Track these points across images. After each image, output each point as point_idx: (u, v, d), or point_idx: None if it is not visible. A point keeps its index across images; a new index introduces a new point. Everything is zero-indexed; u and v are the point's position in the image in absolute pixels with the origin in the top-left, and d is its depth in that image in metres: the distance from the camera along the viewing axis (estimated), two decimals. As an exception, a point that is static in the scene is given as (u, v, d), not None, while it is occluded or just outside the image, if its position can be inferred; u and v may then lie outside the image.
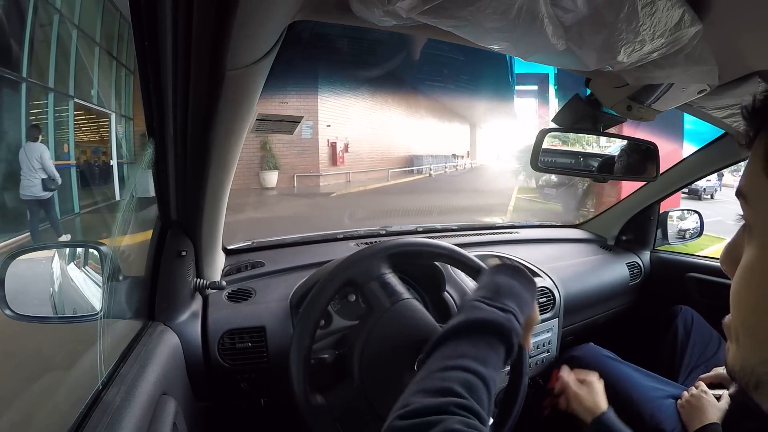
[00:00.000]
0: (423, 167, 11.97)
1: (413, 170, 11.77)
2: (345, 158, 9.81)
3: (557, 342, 1.07)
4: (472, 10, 0.39)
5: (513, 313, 0.52)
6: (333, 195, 8.63)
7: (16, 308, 0.61)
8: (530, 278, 0.59)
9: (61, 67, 5.37)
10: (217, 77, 0.43)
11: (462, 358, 0.45)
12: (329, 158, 9.52)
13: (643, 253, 1.39)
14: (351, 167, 9.95)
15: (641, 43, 0.42)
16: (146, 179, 0.65)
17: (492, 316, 0.51)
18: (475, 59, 10.20)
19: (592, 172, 0.79)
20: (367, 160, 10.64)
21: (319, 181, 9.10)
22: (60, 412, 0.58)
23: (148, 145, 0.56)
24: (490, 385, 0.44)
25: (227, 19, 0.37)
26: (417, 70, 10.06)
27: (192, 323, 0.79)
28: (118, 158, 6.76)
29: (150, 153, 0.56)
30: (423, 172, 11.86)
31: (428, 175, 11.66)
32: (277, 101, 7.74)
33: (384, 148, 11.21)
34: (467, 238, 1.27)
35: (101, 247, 0.68)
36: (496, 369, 0.47)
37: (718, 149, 1.09)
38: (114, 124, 6.94)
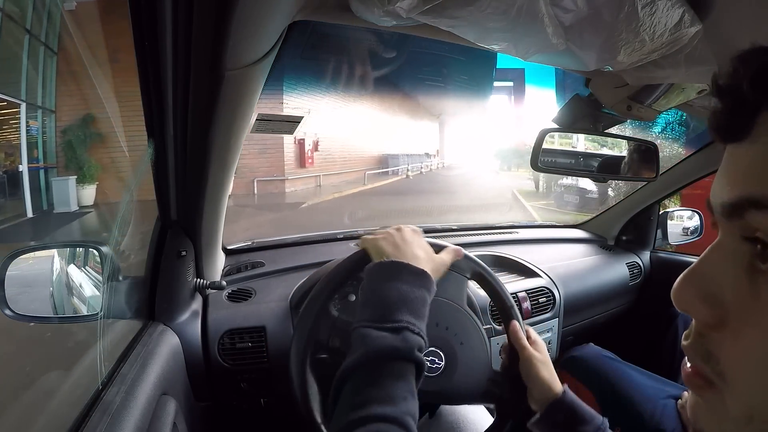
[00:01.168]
0: (400, 167, 11.09)
1: (389, 171, 10.82)
2: (315, 158, 8.42)
3: (557, 342, 1.07)
4: (472, 10, 0.39)
5: (407, 327, 0.46)
6: (303, 206, 6.86)
7: (16, 308, 0.61)
8: (415, 269, 0.51)
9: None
10: (217, 77, 0.43)
11: (366, 405, 0.41)
12: (296, 159, 8.00)
13: (643, 253, 1.39)
14: (322, 168, 8.59)
15: (641, 43, 0.42)
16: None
17: (384, 342, 0.45)
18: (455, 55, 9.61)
19: (593, 172, 0.79)
20: (339, 161, 9.33)
21: (285, 187, 7.54)
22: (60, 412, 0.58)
23: (148, 145, 0.55)
24: (406, 422, 0.40)
25: (227, 19, 0.37)
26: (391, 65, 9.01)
27: (192, 323, 0.79)
28: (31, 162, 5.47)
29: (150, 153, 0.56)
30: (400, 173, 10.97)
31: (406, 176, 10.77)
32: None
33: (357, 147, 9.98)
34: (467, 238, 1.27)
35: (101, 247, 0.68)
36: (408, 397, 0.43)
37: (718, 149, 1.08)
38: (24, 117, 5.43)
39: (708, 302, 0.21)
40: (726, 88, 0.22)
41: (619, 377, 0.96)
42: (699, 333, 0.22)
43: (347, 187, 8.71)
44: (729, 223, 0.22)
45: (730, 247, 0.22)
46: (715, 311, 0.21)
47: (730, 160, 0.22)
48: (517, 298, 0.99)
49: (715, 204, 0.23)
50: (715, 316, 0.21)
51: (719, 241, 0.23)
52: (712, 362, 0.21)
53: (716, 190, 0.23)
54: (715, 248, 0.23)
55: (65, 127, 6.19)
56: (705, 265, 0.23)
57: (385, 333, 0.46)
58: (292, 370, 0.65)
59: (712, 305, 0.21)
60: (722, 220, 0.22)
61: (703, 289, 0.22)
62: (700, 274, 0.23)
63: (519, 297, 1.00)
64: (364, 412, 0.40)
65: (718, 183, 0.23)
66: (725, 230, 0.22)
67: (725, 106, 0.22)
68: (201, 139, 0.53)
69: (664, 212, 1.42)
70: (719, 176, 0.23)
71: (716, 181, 0.23)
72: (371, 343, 0.46)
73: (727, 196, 0.21)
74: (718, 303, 0.21)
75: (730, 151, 0.22)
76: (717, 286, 0.21)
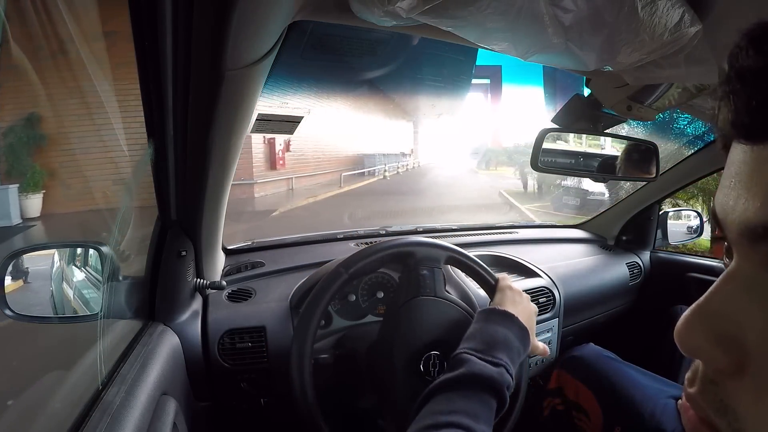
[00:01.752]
0: (376, 168, 10.48)
1: (365, 172, 10.16)
2: (286, 159, 7.70)
3: (557, 342, 1.07)
4: (472, 10, 0.39)
5: (504, 366, 0.52)
6: (275, 214, 6.10)
7: (16, 308, 0.61)
8: (522, 325, 0.60)
9: None
10: (217, 77, 0.43)
11: (454, 413, 0.46)
12: (266, 160, 7.32)
13: (643, 253, 1.39)
14: (294, 170, 7.86)
15: (641, 43, 0.42)
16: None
17: (484, 370, 0.51)
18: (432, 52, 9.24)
19: (593, 172, 0.79)
20: (312, 162, 8.61)
21: (254, 191, 6.77)
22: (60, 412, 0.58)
23: (149, 145, 0.55)
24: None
25: (227, 19, 0.36)
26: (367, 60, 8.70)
27: (192, 323, 0.79)
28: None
29: (150, 153, 0.56)
30: (377, 173, 10.38)
31: (383, 177, 10.25)
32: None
33: (331, 147, 9.31)
34: (467, 238, 1.27)
35: (101, 247, 0.68)
36: (488, 424, 0.47)
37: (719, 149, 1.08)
38: None
39: (723, 345, 0.17)
40: (752, 72, 0.17)
41: (619, 377, 0.96)
42: (710, 381, 0.19)
43: (322, 191, 7.85)
44: (753, 248, 0.17)
45: (750, 278, 0.17)
46: (732, 356, 0.17)
47: (754, 167, 0.17)
48: None
49: (733, 223, 0.18)
50: (732, 363, 0.17)
51: (735, 269, 0.18)
52: (729, 416, 0.18)
53: (733, 204, 0.18)
54: (730, 278, 0.18)
55: (5, 129, 5.48)
56: (717, 299, 0.18)
57: (486, 364, 0.52)
58: (293, 370, 0.66)
59: (728, 349, 0.17)
60: (743, 243, 0.18)
61: (717, 329, 0.18)
62: (711, 312, 0.18)
63: None
64: (451, 417, 0.45)
65: (736, 196, 0.18)
66: (745, 256, 0.18)
67: (750, 95, 0.17)
68: (201, 139, 0.53)
69: (664, 212, 1.42)
70: (737, 187, 0.18)
71: (731, 192, 0.18)
72: (473, 367, 0.51)
73: (757, 214, 0.17)
74: (736, 346, 0.17)
75: (755, 155, 0.17)
76: (734, 326, 0.17)
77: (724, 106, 0.19)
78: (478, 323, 0.60)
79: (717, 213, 0.19)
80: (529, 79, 11.94)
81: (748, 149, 0.18)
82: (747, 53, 0.18)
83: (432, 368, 0.68)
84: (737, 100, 0.18)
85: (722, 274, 0.19)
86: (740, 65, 0.18)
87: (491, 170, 12.48)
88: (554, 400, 0.95)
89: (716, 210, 0.19)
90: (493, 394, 0.50)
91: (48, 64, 5.37)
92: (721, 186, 0.19)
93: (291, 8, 0.44)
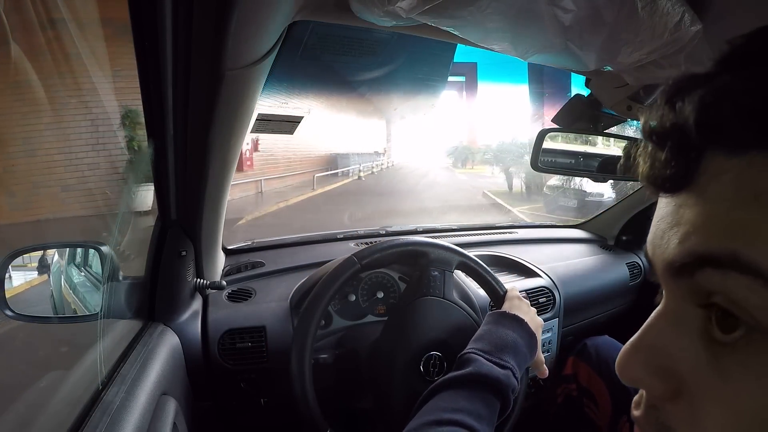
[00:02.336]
0: (351, 168, 10.04)
1: (339, 173, 9.64)
2: (254, 160, 7.36)
3: (557, 342, 1.07)
4: (472, 10, 0.39)
5: (511, 369, 0.52)
6: (241, 222, 5.54)
7: (16, 308, 0.61)
8: (531, 331, 0.60)
9: None
10: (217, 77, 0.43)
11: (457, 412, 0.46)
12: None
13: (643, 253, 1.39)
14: (263, 172, 7.41)
15: (641, 43, 0.42)
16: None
17: (491, 371, 0.51)
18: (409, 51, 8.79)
19: (593, 172, 0.79)
20: (282, 162, 8.14)
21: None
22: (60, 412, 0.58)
23: (149, 145, 0.55)
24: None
25: (227, 19, 0.37)
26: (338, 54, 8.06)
27: (192, 323, 0.79)
28: None
29: (150, 153, 0.56)
30: (351, 174, 9.93)
31: (358, 178, 9.80)
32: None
33: (302, 146, 8.82)
34: (467, 237, 1.27)
35: (101, 247, 0.68)
36: (490, 425, 0.47)
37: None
38: None
39: (658, 376, 0.19)
40: (665, 132, 0.19)
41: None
42: (651, 405, 0.20)
43: (294, 194, 7.21)
44: (676, 283, 0.19)
45: (678, 313, 0.19)
46: (668, 385, 0.19)
47: (672, 211, 0.19)
48: None
49: (658, 259, 0.19)
50: (668, 390, 0.19)
51: (664, 305, 0.20)
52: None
53: (658, 243, 0.19)
54: (662, 315, 0.20)
55: None
56: (651, 334, 0.20)
57: (493, 365, 0.52)
58: (293, 370, 0.66)
59: (663, 379, 0.19)
60: (667, 280, 0.19)
61: (652, 362, 0.19)
62: (647, 346, 0.20)
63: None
64: (455, 416, 0.45)
65: (660, 236, 0.19)
66: (672, 293, 0.19)
67: (665, 153, 0.19)
68: (201, 139, 0.53)
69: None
70: (662, 228, 0.19)
71: (657, 232, 0.20)
72: (480, 367, 0.51)
73: (675, 252, 0.18)
74: (670, 375, 0.19)
75: (673, 202, 0.19)
76: (667, 358, 0.19)
77: (643, 160, 0.21)
78: (488, 325, 0.60)
79: (647, 251, 0.21)
80: (505, 77, 11.70)
81: (669, 198, 0.19)
82: (662, 111, 0.19)
83: (432, 368, 0.68)
84: (653, 155, 0.20)
85: (654, 310, 0.20)
86: (653, 125, 0.19)
87: (468, 169, 12.27)
88: (569, 386, 0.96)
89: (647, 248, 0.21)
90: (498, 396, 0.50)
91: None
92: (651, 228, 0.21)
93: (291, 8, 0.44)
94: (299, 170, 8.44)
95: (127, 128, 4.60)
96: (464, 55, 11.85)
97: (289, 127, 0.86)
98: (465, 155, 12.65)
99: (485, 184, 9.46)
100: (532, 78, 9.67)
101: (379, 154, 12.05)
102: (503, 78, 11.99)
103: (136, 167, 4.53)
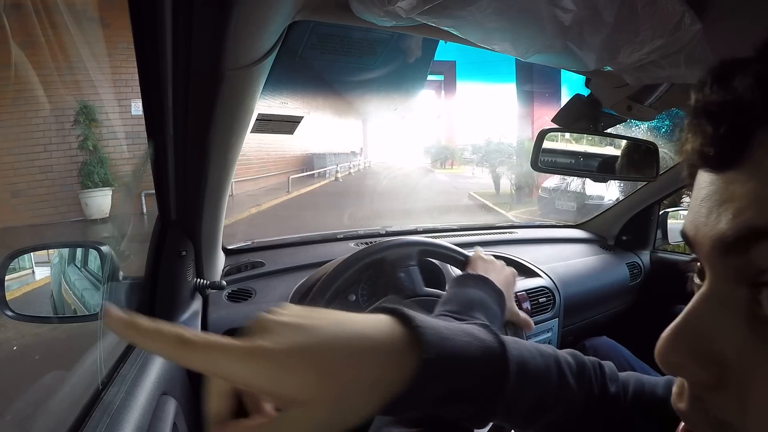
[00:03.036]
0: (327, 168, 9.62)
1: (315, 174, 9.21)
2: None
3: (557, 342, 1.07)
4: (472, 10, 0.39)
5: (483, 324, 0.50)
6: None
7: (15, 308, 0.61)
8: (497, 288, 0.57)
9: None
10: (217, 77, 0.43)
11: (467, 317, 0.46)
12: None
13: (643, 253, 1.39)
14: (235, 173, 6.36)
15: (641, 43, 0.42)
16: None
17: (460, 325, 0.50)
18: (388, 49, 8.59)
19: (593, 172, 0.79)
20: (255, 163, 7.70)
21: None
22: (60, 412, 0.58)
23: (149, 145, 0.55)
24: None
25: (227, 19, 0.37)
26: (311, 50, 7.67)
27: (192, 323, 0.79)
28: None
29: (150, 152, 0.56)
30: (328, 175, 9.50)
31: (335, 179, 9.40)
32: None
33: (276, 146, 8.39)
34: (467, 237, 1.27)
35: (101, 247, 0.68)
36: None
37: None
38: None
39: (702, 362, 0.18)
40: (717, 108, 0.19)
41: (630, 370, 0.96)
42: (696, 397, 0.19)
43: (268, 197, 6.68)
44: (723, 262, 0.18)
45: (724, 294, 0.18)
46: (712, 371, 0.18)
47: (720, 188, 0.19)
48: (517, 298, 0.99)
49: (705, 237, 0.19)
50: (712, 377, 0.18)
51: (709, 287, 0.19)
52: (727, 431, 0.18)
53: (704, 220, 0.19)
54: (705, 297, 0.19)
55: None
56: (695, 317, 0.19)
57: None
58: None
59: (707, 365, 0.18)
60: (714, 259, 0.19)
61: (695, 347, 0.19)
62: (690, 331, 0.19)
63: (519, 297, 1.00)
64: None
65: (707, 213, 0.19)
66: (718, 273, 0.19)
67: (715, 130, 0.19)
68: (201, 139, 0.53)
69: (664, 212, 1.42)
70: (707, 205, 0.19)
71: (702, 210, 0.19)
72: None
73: (728, 227, 0.18)
74: (715, 362, 0.18)
75: (723, 178, 0.19)
76: (711, 342, 0.18)
77: (692, 137, 0.20)
78: (452, 288, 0.57)
79: (687, 232, 0.20)
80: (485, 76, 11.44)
81: (715, 176, 0.19)
82: (711, 89, 0.19)
83: None
84: (704, 132, 0.19)
85: (696, 293, 0.20)
86: (705, 100, 0.19)
87: (447, 169, 12.06)
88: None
89: (686, 229, 0.20)
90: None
91: None
92: (690, 209, 0.20)
93: (291, 8, 0.44)
94: (273, 171, 8.03)
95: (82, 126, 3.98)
96: (443, 54, 11.62)
97: (289, 127, 0.85)
98: (445, 155, 12.41)
99: (468, 185, 9.18)
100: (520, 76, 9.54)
101: (356, 154, 11.78)
102: (483, 77, 11.79)
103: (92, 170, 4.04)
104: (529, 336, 0.97)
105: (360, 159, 11.91)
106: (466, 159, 11.89)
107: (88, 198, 4.17)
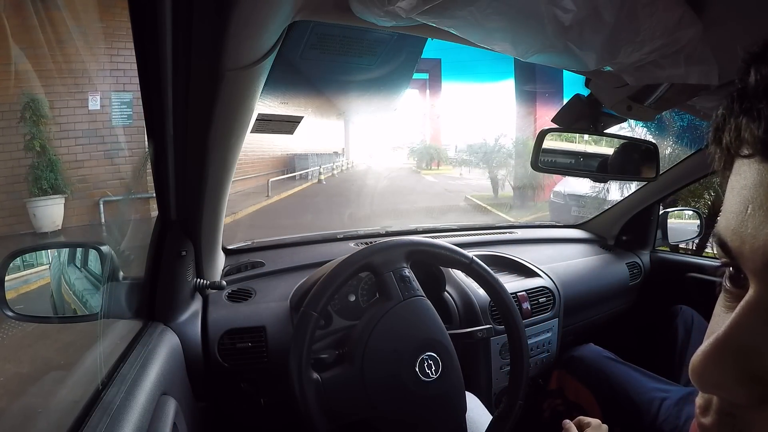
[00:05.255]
0: (310, 170, 9.07)
1: (297, 176, 8.70)
2: None
3: (557, 342, 1.07)
4: (472, 10, 0.39)
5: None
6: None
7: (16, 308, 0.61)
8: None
9: None
10: (217, 77, 0.43)
11: None
12: None
13: (643, 253, 1.39)
14: None
15: (641, 43, 0.42)
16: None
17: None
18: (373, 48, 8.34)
19: (593, 172, 0.79)
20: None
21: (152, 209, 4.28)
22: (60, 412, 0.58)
23: (149, 145, 0.55)
24: None
25: (227, 19, 0.37)
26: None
27: (192, 323, 0.79)
28: None
29: (150, 152, 0.56)
30: (310, 177, 8.96)
31: (318, 181, 8.90)
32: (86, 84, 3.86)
33: (255, 147, 7.98)
34: (467, 237, 1.27)
35: (101, 247, 0.68)
36: None
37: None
38: None
39: (747, 382, 0.16)
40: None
41: (619, 378, 0.96)
42: (727, 413, 0.17)
43: (246, 203, 6.11)
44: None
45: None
46: (756, 392, 0.16)
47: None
48: (516, 298, 0.99)
49: (758, 251, 0.16)
50: (754, 398, 0.16)
51: (756, 299, 0.17)
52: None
53: (754, 232, 0.16)
54: (751, 309, 0.17)
55: None
56: (740, 332, 0.17)
57: None
58: (292, 370, 0.65)
59: (752, 385, 0.16)
60: (764, 271, 0.16)
61: (741, 365, 0.16)
62: (735, 345, 0.17)
63: (519, 297, 1.01)
64: None
65: (758, 223, 0.16)
66: (767, 285, 0.16)
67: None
68: (201, 138, 0.53)
69: (664, 212, 1.42)
70: (758, 213, 0.16)
71: (751, 219, 0.17)
72: None
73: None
74: (760, 381, 0.16)
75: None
76: (760, 360, 0.16)
77: (746, 123, 0.17)
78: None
79: (729, 241, 0.18)
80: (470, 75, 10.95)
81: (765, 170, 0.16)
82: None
83: (428, 369, 0.67)
84: (764, 116, 0.16)
85: (740, 304, 0.17)
86: (760, 79, 0.16)
87: (433, 170, 11.74)
88: (555, 401, 0.95)
89: (727, 238, 0.18)
90: None
91: None
92: (729, 212, 0.18)
93: (291, 8, 0.44)
94: (252, 174, 7.50)
95: (28, 123, 3.35)
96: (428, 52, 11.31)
97: (289, 127, 0.86)
98: (430, 155, 12.01)
99: (461, 187, 8.73)
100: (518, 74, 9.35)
101: (338, 155, 11.45)
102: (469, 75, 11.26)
103: (40, 174, 3.40)
104: (529, 336, 0.98)
105: (342, 159, 11.56)
106: (452, 159, 11.38)
107: (36, 208, 3.46)
